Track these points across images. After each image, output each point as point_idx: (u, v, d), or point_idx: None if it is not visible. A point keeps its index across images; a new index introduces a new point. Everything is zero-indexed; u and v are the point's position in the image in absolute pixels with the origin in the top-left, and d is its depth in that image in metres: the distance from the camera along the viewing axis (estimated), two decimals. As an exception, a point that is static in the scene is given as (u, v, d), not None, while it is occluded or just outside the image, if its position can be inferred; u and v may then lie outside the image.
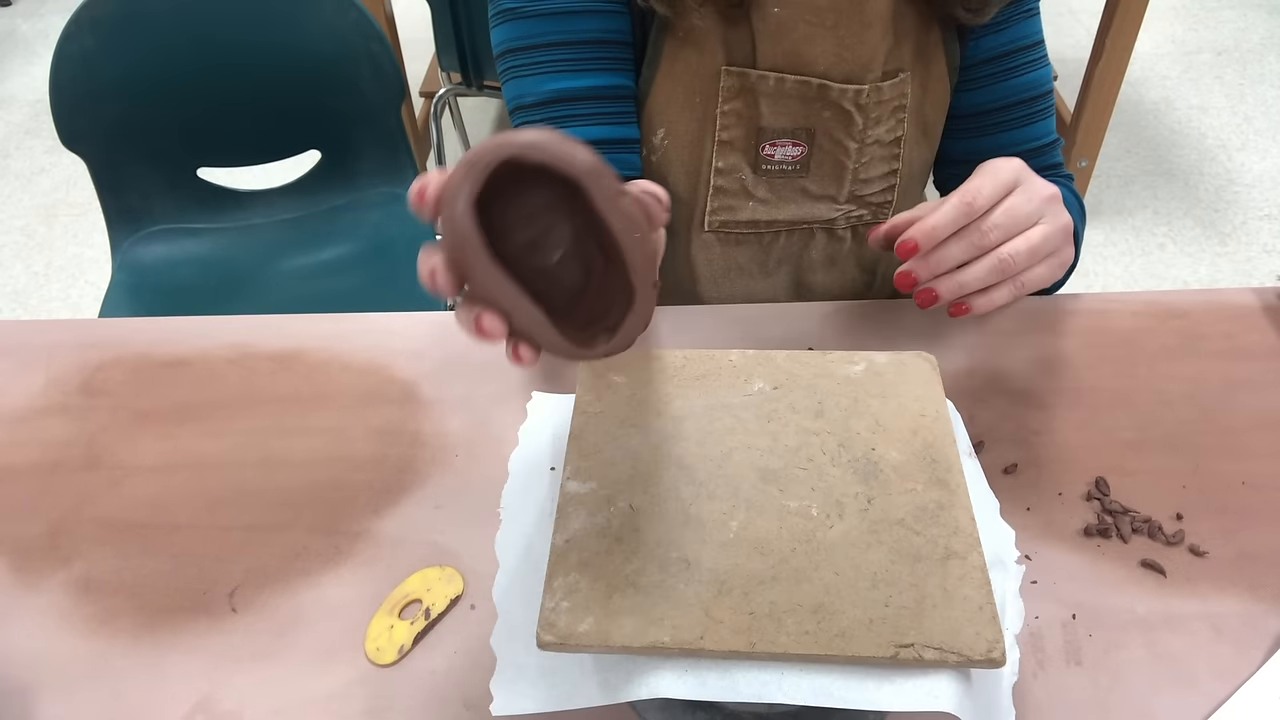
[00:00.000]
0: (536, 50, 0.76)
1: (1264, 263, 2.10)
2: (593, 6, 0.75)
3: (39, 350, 0.79)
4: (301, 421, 0.72)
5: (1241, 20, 2.96)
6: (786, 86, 0.77)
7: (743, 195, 0.83)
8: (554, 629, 0.45)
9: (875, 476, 0.52)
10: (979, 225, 0.61)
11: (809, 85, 0.77)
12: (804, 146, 0.81)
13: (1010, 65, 0.82)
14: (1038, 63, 0.83)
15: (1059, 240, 0.63)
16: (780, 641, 0.45)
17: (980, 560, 0.48)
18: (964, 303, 0.63)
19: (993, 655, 0.44)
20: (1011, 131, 0.84)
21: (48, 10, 3.23)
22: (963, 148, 0.87)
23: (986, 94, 0.83)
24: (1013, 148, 0.84)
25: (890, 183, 0.84)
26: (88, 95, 1.23)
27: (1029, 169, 0.65)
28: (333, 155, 1.37)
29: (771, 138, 0.80)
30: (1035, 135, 0.84)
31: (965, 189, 0.61)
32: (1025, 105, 0.83)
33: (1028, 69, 0.82)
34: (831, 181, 0.83)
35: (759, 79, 0.77)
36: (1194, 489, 0.66)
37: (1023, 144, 0.84)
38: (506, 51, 0.77)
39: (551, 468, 0.61)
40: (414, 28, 2.24)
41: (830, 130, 0.80)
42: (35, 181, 2.48)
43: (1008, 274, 0.61)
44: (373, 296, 1.30)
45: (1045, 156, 0.85)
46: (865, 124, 0.79)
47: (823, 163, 0.82)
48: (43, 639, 0.59)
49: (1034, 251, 0.62)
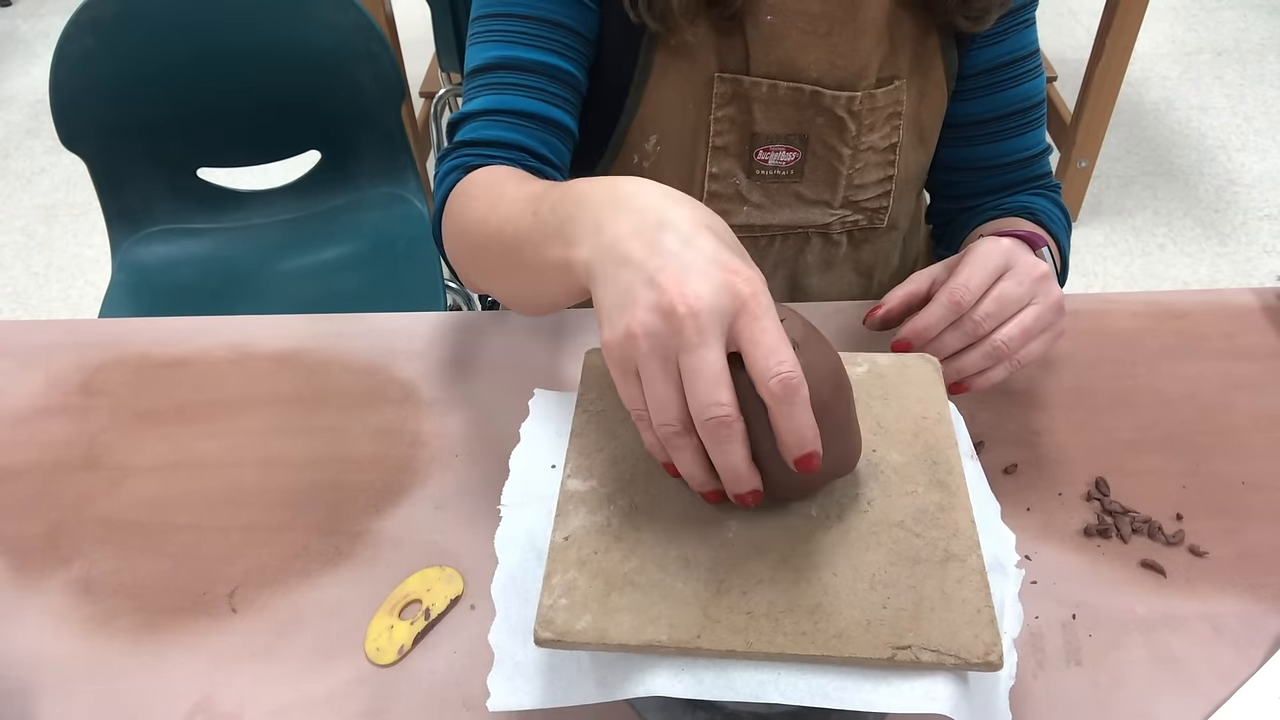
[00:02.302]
0: (497, 19, 0.75)
1: (1264, 263, 2.10)
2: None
3: (39, 350, 0.79)
4: (301, 421, 0.72)
5: (1241, 20, 2.96)
6: (780, 93, 0.77)
7: (737, 200, 0.83)
8: (552, 626, 0.45)
9: (876, 478, 0.52)
10: (971, 316, 0.62)
11: (802, 92, 0.77)
12: (798, 152, 0.81)
13: (1008, 76, 0.82)
14: (1033, 73, 0.83)
15: (1051, 317, 0.64)
16: (777, 641, 0.44)
17: (979, 563, 0.48)
18: (963, 383, 0.64)
19: (990, 659, 0.44)
20: (1006, 141, 0.85)
21: (48, 10, 3.23)
22: (957, 156, 0.87)
23: (983, 104, 0.83)
24: (1006, 156, 0.85)
25: (885, 188, 0.84)
26: (88, 95, 1.23)
27: (1019, 248, 0.65)
28: (333, 155, 1.37)
29: (765, 143, 0.80)
30: (1028, 145, 0.85)
31: (953, 285, 0.62)
32: (1020, 115, 0.84)
33: (1024, 79, 0.83)
34: (826, 187, 0.83)
35: (752, 85, 0.77)
36: (1194, 489, 0.66)
37: (1016, 153, 0.85)
38: (475, 19, 0.77)
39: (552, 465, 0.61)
40: (414, 28, 2.24)
41: (824, 136, 0.80)
42: (35, 181, 2.48)
43: (1002, 358, 0.62)
44: (373, 296, 1.30)
45: (1036, 166, 0.86)
46: (859, 130, 0.79)
47: (817, 168, 0.82)
48: (43, 639, 0.59)
49: (1027, 333, 0.63)
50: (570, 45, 0.76)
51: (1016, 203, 0.85)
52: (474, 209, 0.66)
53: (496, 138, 0.73)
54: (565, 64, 0.76)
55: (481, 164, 0.71)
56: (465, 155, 0.73)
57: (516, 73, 0.74)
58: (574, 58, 0.76)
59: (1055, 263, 0.73)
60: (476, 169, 0.70)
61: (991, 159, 0.86)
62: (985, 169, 0.86)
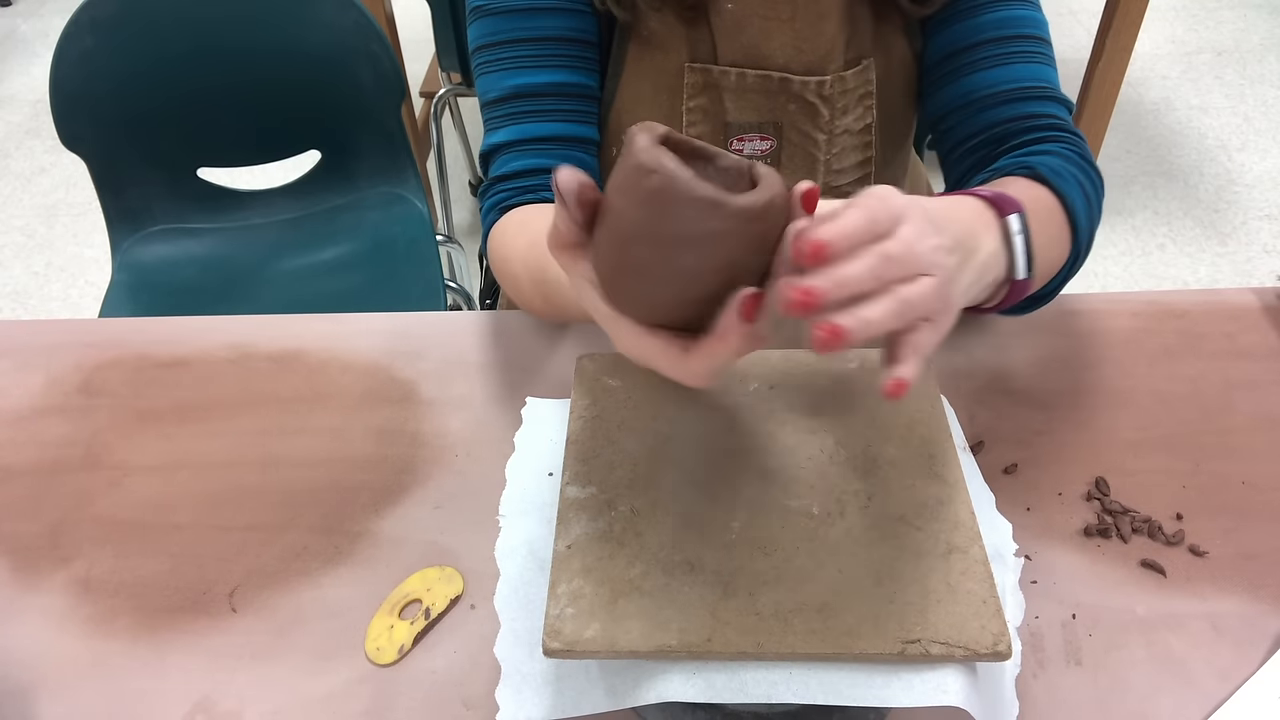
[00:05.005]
0: (503, 46, 0.76)
1: (1264, 263, 2.09)
2: (558, 4, 0.75)
3: (39, 350, 0.79)
4: (301, 421, 0.72)
5: (1241, 21, 2.96)
6: (748, 81, 0.77)
7: None
8: (560, 636, 0.45)
9: (874, 473, 0.52)
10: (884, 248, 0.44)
11: (770, 79, 0.77)
12: (773, 140, 0.81)
13: (977, 2, 0.75)
14: (1012, 4, 0.75)
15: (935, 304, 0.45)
16: (788, 641, 0.45)
17: (982, 554, 0.48)
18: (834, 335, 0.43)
19: (999, 648, 0.44)
20: (983, 72, 0.75)
21: (48, 10, 3.22)
22: (941, 98, 0.78)
23: (954, 32, 0.76)
24: (989, 89, 0.75)
25: (865, 171, 0.84)
26: (88, 95, 1.23)
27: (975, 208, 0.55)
28: (333, 155, 1.37)
29: (739, 132, 0.80)
30: (1015, 77, 0.74)
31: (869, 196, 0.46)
32: (996, 44, 0.74)
33: (999, 6, 0.74)
34: (804, 173, 0.82)
35: (721, 74, 0.77)
36: (1194, 489, 0.66)
37: (1000, 84, 0.74)
38: (478, 49, 0.78)
39: (550, 473, 0.61)
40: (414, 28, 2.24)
41: (797, 123, 0.80)
42: (35, 181, 2.47)
43: (906, 321, 0.44)
44: (373, 296, 1.30)
45: (1029, 105, 0.74)
46: (832, 115, 0.79)
47: (794, 155, 0.82)
48: (43, 639, 0.59)
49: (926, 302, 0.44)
50: (576, 56, 0.77)
51: (1014, 161, 0.71)
52: (504, 257, 0.74)
53: (525, 167, 0.77)
54: (576, 77, 0.77)
55: (516, 200, 0.76)
56: (501, 192, 0.77)
57: (532, 99, 0.77)
58: (583, 66, 0.78)
59: (1026, 230, 0.56)
60: (511, 208, 0.76)
61: (976, 90, 0.75)
62: (968, 105, 0.76)
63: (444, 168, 2.06)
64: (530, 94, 0.76)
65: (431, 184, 2.03)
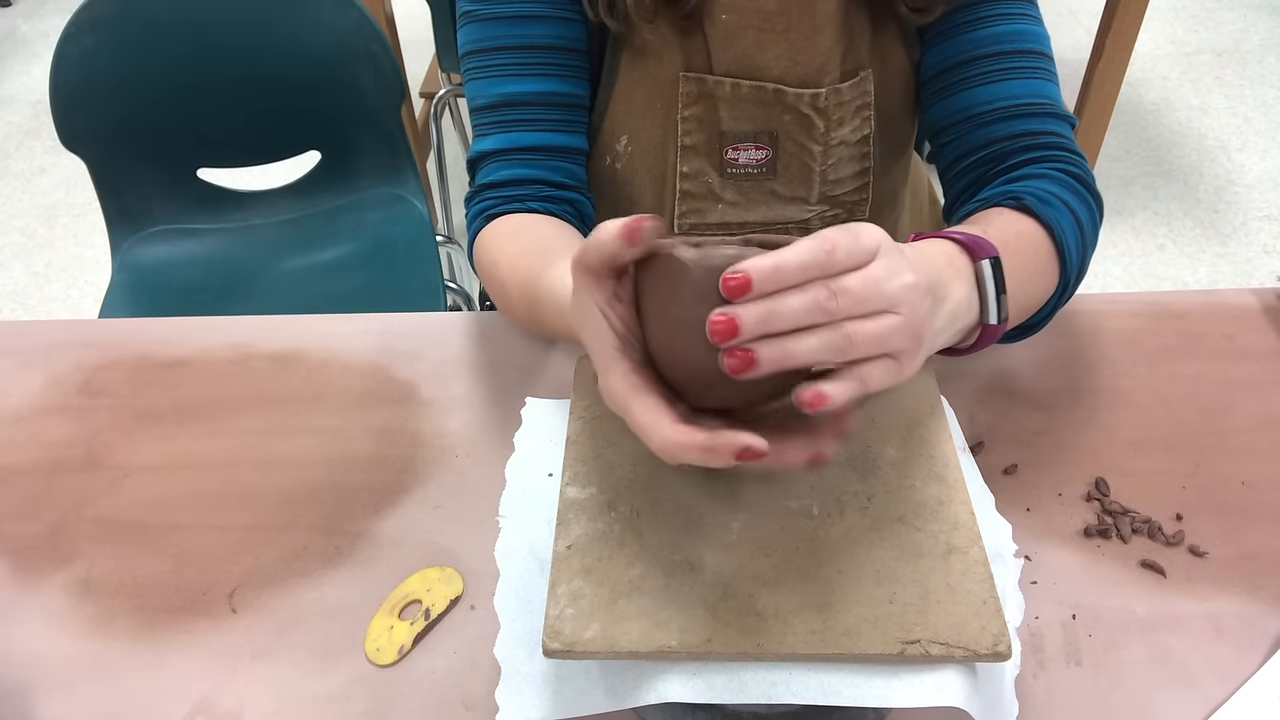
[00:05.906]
0: (492, 53, 0.76)
1: (1264, 263, 2.10)
2: (548, 12, 0.75)
3: (39, 350, 0.79)
4: (301, 421, 0.72)
5: (1241, 21, 2.96)
6: (743, 91, 0.77)
7: (710, 198, 0.83)
8: (560, 636, 0.45)
9: (874, 474, 0.52)
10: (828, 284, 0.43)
11: (765, 90, 0.77)
12: (768, 150, 0.80)
13: (977, 16, 0.74)
14: (1014, 18, 0.74)
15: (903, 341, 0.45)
16: (788, 642, 0.44)
17: (982, 554, 0.48)
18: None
19: (999, 649, 0.44)
20: (983, 88, 0.74)
21: (48, 10, 3.23)
22: (939, 112, 0.77)
23: (953, 46, 0.75)
24: (987, 104, 0.74)
25: (863, 181, 0.84)
26: (88, 95, 1.23)
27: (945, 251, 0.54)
28: (333, 156, 1.37)
29: (734, 141, 0.80)
30: (1015, 93, 0.73)
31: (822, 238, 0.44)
32: (997, 59, 0.73)
33: (1000, 20, 0.73)
34: (800, 183, 0.82)
35: (715, 84, 0.77)
36: (1194, 489, 0.66)
37: (998, 101, 0.73)
38: (466, 54, 0.78)
39: (549, 473, 0.61)
40: (414, 28, 2.24)
41: (792, 134, 0.79)
42: (35, 182, 2.48)
43: (843, 355, 0.44)
44: (373, 296, 1.30)
45: (1034, 121, 0.73)
46: (827, 126, 0.79)
47: (789, 165, 0.81)
48: (43, 639, 0.59)
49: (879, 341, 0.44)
50: (564, 64, 0.77)
51: (1002, 190, 0.70)
52: (492, 261, 0.73)
53: (512, 176, 0.76)
54: (565, 85, 0.77)
55: (501, 209, 0.76)
56: (486, 199, 0.77)
57: (520, 108, 0.76)
58: (571, 75, 0.77)
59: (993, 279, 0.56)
60: (496, 216, 0.76)
61: (974, 106, 0.74)
62: (966, 121, 0.75)
63: (444, 168, 2.06)
64: (518, 103, 0.76)
65: (431, 184, 2.03)
